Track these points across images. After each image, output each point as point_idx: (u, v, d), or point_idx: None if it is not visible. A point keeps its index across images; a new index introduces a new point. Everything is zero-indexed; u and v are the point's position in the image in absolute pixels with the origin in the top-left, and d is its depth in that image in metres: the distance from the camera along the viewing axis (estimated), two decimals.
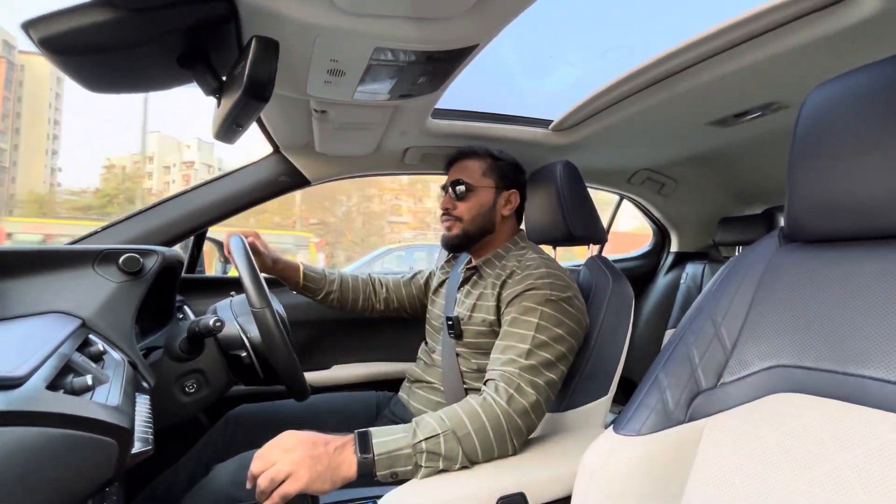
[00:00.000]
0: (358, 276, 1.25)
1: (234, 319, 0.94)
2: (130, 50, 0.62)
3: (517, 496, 0.67)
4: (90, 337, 0.72)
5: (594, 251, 1.12)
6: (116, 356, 0.73)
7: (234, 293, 1.04)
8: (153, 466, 0.88)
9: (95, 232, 1.15)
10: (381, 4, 0.64)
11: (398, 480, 0.68)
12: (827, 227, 0.50)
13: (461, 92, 1.08)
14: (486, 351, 0.91)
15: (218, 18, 0.64)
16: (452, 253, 1.16)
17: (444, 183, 1.08)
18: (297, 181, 1.33)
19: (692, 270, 2.09)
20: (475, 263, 1.02)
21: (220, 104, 0.71)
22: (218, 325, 0.86)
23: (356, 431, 0.69)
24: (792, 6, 0.74)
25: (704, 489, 0.47)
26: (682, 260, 2.20)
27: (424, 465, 0.68)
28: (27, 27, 0.55)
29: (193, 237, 1.36)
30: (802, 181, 0.51)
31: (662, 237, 2.24)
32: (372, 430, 0.70)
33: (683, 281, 2.10)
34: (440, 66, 0.81)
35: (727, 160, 1.62)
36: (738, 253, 0.57)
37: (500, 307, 0.91)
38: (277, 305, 1.03)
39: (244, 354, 0.91)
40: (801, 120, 0.52)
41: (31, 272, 0.77)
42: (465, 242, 1.03)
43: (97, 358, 0.67)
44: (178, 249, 1.20)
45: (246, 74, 0.59)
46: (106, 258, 0.82)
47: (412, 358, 1.16)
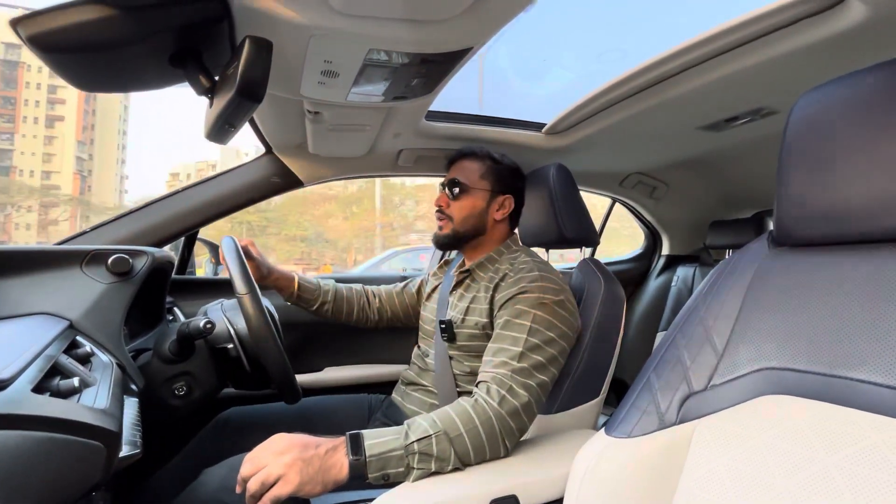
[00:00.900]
0: (351, 287, 1.25)
1: (222, 314, 0.93)
2: (121, 48, 0.61)
3: (509, 498, 0.67)
4: (78, 338, 0.71)
5: (586, 254, 1.12)
6: (104, 358, 0.72)
7: (224, 298, 1.03)
8: (142, 470, 0.87)
9: (84, 232, 1.14)
10: (375, 6, 0.64)
11: (390, 483, 0.67)
12: (815, 231, 0.51)
13: (455, 94, 1.08)
14: (478, 354, 0.91)
15: (211, 18, 0.64)
16: (442, 251, 1.16)
17: (443, 181, 1.08)
18: (289, 182, 1.32)
19: (683, 273, 2.11)
20: (468, 267, 1.03)
21: (212, 104, 0.71)
22: (208, 326, 0.86)
23: (348, 433, 0.69)
24: (781, 13, 0.75)
25: (695, 490, 0.47)
26: (673, 263, 2.22)
27: (416, 466, 0.68)
28: (15, 24, 0.54)
29: (184, 238, 1.35)
30: (791, 186, 0.52)
31: (654, 240, 2.26)
32: (364, 431, 0.69)
33: (674, 284, 2.12)
34: (434, 68, 0.81)
35: (718, 164, 1.64)
36: (728, 256, 0.58)
37: (492, 310, 0.91)
38: (269, 306, 1.02)
39: (230, 346, 0.90)
40: (789, 126, 0.53)
41: (17, 272, 0.76)
42: (454, 242, 1.04)
43: (85, 360, 0.67)
44: (168, 250, 1.19)
45: (239, 75, 0.59)
46: (94, 259, 0.81)
47: (404, 360, 1.16)
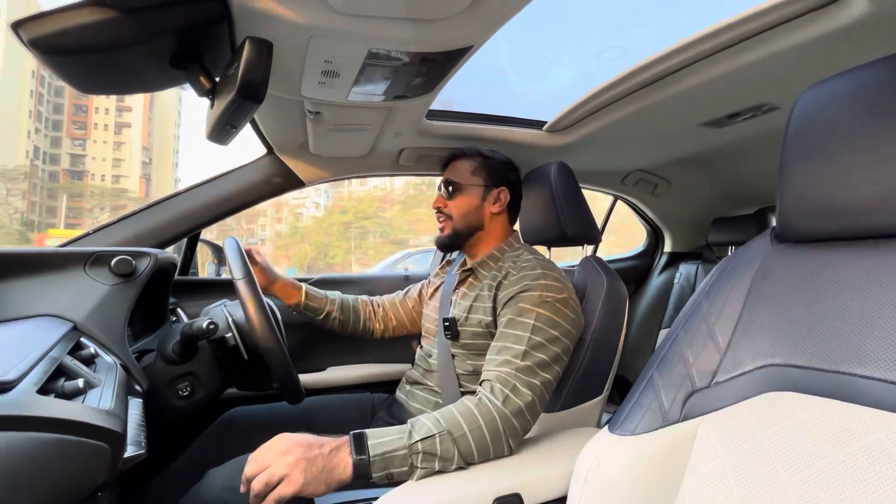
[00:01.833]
0: (357, 297, 1.27)
1: (223, 309, 0.94)
2: (122, 51, 0.62)
3: (513, 497, 0.67)
4: (82, 340, 0.71)
5: (588, 252, 1.12)
6: (108, 359, 0.72)
7: (227, 299, 1.04)
8: (146, 470, 0.87)
9: (87, 234, 1.14)
10: (375, 5, 0.64)
11: (394, 482, 0.68)
12: (818, 227, 0.51)
13: (456, 93, 1.09)
14: (481, 352, 0.91)
15: (211, 19, 0.64)
16: (445, 252, 1.17)
17: (438, 183, 1.09)
18: (290, 182, 1.32)
19: (685, 270, 2.10)
20: (470, 265, 1.03)
21: (213, 105, 0.71)
22: (211, 327, 0.86)
23: (351, 433, 0.69)
24: (783, 8, 0.74)
25: (699, 488, 0.47)
26: (675, 260, 2.21)
27: (420, 466, 0.68)
28: (16, 27, 0.54)
29: (187, 239, 1.35)
30: (793, 182, 0.52)
31: (656, 237, 2.26)
32: (367, 431, 0.70)
33: (677, 281, 2.12)
34: (435, 67, 0.81)
35: (720, 161, 1.64)
36: (730, 253, 0.58)
37: (496, 308, 0.91)
38: (272, 305, 1.02)
39: (228, 335, 0.90)
40: (791, 121, 0.53)
41: (21, 274, 0.77)
42: (455, 241, 1.05)
43: (89, 361, 0.67)
44: (171, 252, 1.20)
45: (239, 75, 0.59)
46: (98, 260, 0.81)
47: (406, 360, 1.16)
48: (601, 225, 2.15)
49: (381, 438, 0.68)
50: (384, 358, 1.53)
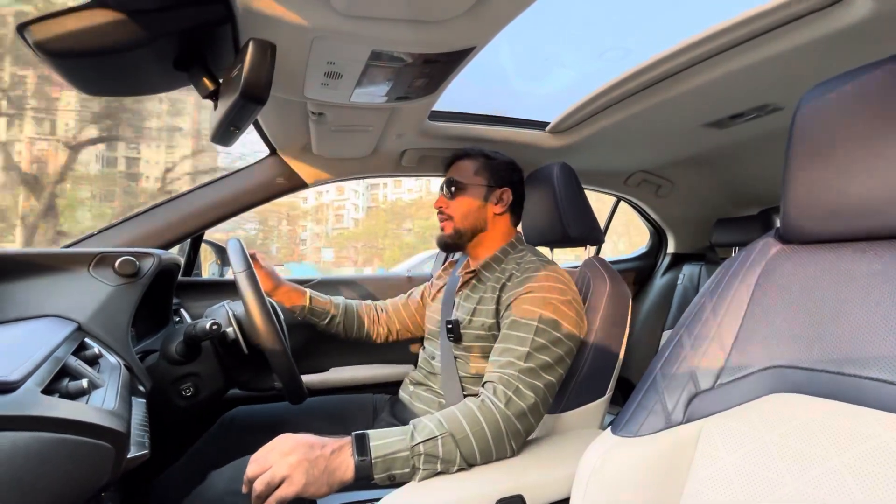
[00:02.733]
0: (361, 302, 1.27)
1: (224, 307, 0.95)
2: (126, 53, 0.62)
3: (516, 498, 0.67)
4: (86, 340, 0.71)
5: (591, 253, 1.12)
6: (112, 360, 0.73)
7: (230, 300, 1.04)
8: (149, 470, 0.87)
9: (91, 234, 1.15)
10: (377, 7, 0.64)
11: (395, 483, 0.67)
12: (822, 228, 0.50)
13: (458, 94, 1.09)
14: (484, 355, 0.91)
15: (214, 21, 0.64)
16: (447, 252, 1.16)
17: (440, 184, 1.08)
18: (294, 183, 1.33)
19: (689, 271, 2.09)
20: (474, 267, 1.03)
21: (216, 107, 0.71)
22: (214, 328, 0.86)
23: (353, 434, 0.69)
24: (786, 9, 0.74)
25: (703, 490, 0.47)
26: (678, 261, 2.20)
27: (422, 467, 0.68)
28: (21, 30, 0.55)
29: (190, 240, 1.36)
30: (797, 183, 0.51)
31: (659, 238, 2.25)
32: (369, 432, 0.69)
33: (680, 282, 2.11)
34: (437, 68, 0.81)
35: (723, 162, 1.63)
36: (734, 254, 0.58)
37: (499, 310, 0.91)
38: (274, 304, 1.03)
39: (229, 329, 0.91)
40: (795, 122, 0.52)
41: (25, 275, 0.77)
42: (457, 241, 1.04)
43: (93, 362, 0.67)
44: (174, 252, 1.20)
45: (243, 77, 0.59)
46: (102, 261, 0.82)
47: (409, 360, 1.16)
48: (604, 226, 2.14)
49: (383, 440, 0.68)
50: (387, 359, 1.53)
